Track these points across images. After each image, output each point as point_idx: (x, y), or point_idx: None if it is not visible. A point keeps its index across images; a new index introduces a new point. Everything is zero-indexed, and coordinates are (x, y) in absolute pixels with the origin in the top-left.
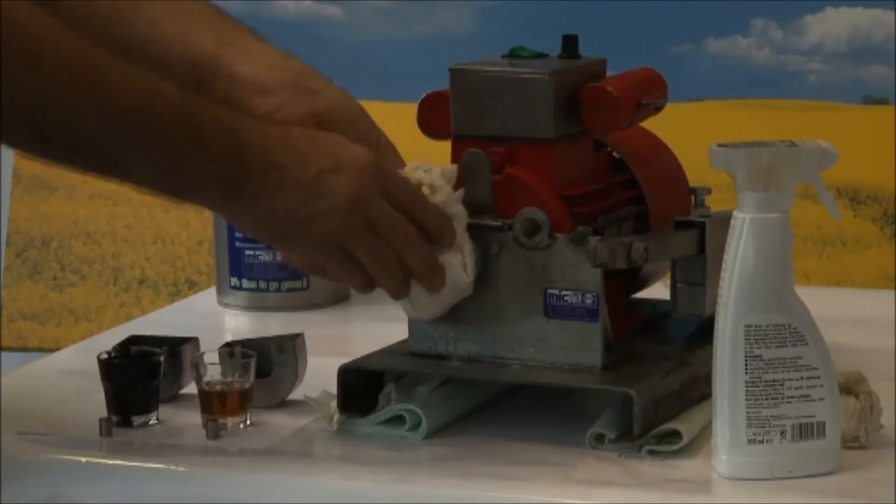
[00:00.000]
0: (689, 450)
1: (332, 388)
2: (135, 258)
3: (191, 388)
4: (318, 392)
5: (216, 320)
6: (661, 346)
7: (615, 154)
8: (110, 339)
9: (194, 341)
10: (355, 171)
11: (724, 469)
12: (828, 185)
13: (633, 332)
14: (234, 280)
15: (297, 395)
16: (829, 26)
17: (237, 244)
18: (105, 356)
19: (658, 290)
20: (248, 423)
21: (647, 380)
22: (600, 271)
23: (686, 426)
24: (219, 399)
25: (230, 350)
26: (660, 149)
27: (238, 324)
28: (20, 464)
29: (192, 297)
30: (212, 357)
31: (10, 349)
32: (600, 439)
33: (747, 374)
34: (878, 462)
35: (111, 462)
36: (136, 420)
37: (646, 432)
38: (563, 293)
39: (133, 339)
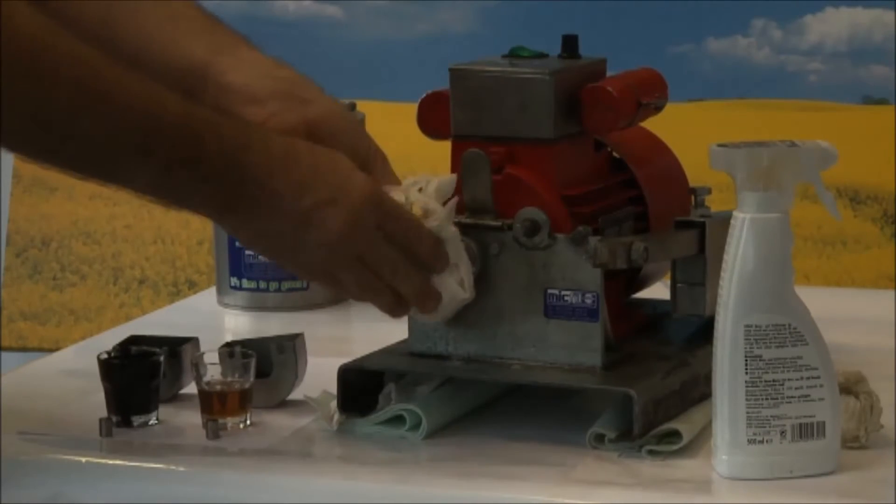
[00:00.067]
0: (689, 450)
1: (332, 388)
2: (135, 258)
3: (191, 388)
4: (318, 392)
5: (216, 320)
6: (661, 346)
7: (615, 154)
8: (110, 339)
9: (194, 341)
10: (351, 206)
11: (724, 469)
12: (828, 185)
13: (634, 332)
14: (234, 280)
15: (297, 395)
16: (829, 26)
17: (237, 244)
18: (105, 356)
19: (658, 290)
20: (248, 423)
21: (647, 380)
22: (600, 271)
23: (686, 426)
24: (219, 399)
25: (230, 350)
26: (660, 149)
27: (238, 324)
28: (20, 464)
29: (192, 297)
30: (212, 357)
31: (10, 349)
32: (600, 439)
33: (747, 374)
34: (878, 462)
35: (111, 462)
36: (136, 420)
37: (646, 432)
38: (563, 293)
39: (133, 339)
